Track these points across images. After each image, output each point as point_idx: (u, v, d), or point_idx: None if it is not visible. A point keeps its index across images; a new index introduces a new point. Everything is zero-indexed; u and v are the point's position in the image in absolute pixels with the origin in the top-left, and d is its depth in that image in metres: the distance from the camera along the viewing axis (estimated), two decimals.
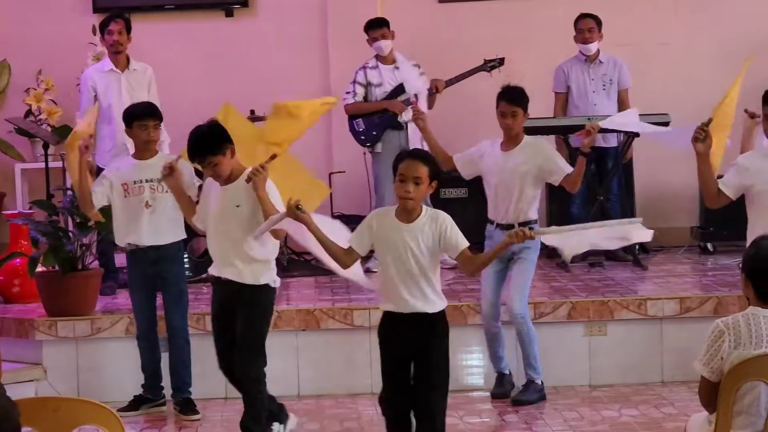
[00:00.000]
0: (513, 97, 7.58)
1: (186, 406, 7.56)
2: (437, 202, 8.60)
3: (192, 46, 11.11)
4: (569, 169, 7.53)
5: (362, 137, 10.09)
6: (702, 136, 6.07)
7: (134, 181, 7.41)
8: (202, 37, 11.23)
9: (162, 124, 7.84)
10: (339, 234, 6.14)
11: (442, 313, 5.74)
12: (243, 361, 6.51)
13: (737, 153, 7.28)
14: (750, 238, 6.02)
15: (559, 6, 11.15)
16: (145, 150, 7.51)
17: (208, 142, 6.41)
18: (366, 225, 5.77)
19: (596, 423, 7.26)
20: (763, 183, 6.25)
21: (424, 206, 5.77)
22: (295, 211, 5.51)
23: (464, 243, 5.66)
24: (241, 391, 6.67)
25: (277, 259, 9.30)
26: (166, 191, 7.26)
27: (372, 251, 6.32)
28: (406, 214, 5.67)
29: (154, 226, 7.45)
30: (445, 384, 5.65)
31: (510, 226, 7.25)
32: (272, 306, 6.89)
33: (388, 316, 5.78)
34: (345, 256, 5.79)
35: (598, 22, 10.04)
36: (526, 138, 7.74)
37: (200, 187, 7.16)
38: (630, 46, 10.93)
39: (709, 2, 11.30)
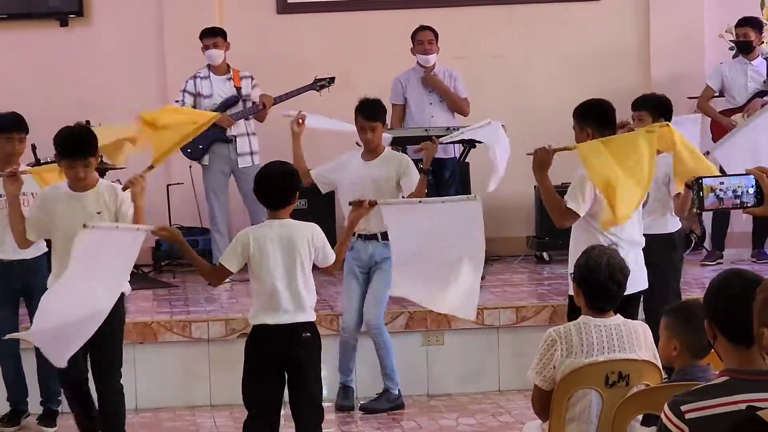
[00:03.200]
0: (371, 113, 7.71)
1: (48, 418, 7.52)
2: None
3: (26, 57, 11.02)
4: (414, 188, 7.71)
5: (188, 150, 9.86)
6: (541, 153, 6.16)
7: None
8: (36, 47, 11.13)
9: None
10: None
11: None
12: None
13: None
14: (573, 248, 6.24)
15: (395, 19, 11.27)
16: (7, 163, 7.31)
17: (90, 142, 6.43)
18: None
19: None
20: None
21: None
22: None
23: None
24: (107, 402, 6.71)
25: None
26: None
27: None
28: None
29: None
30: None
31: (373, 236, 7.52)
32: None
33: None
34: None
35: (436, 35, 10.15)
36: (387, 150, 7.89)
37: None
38: (465, 58, 11.07)
39: (542, 15, 11.57)
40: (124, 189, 6.39)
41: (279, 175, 6.21)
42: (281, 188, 6.15)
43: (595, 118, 6.62)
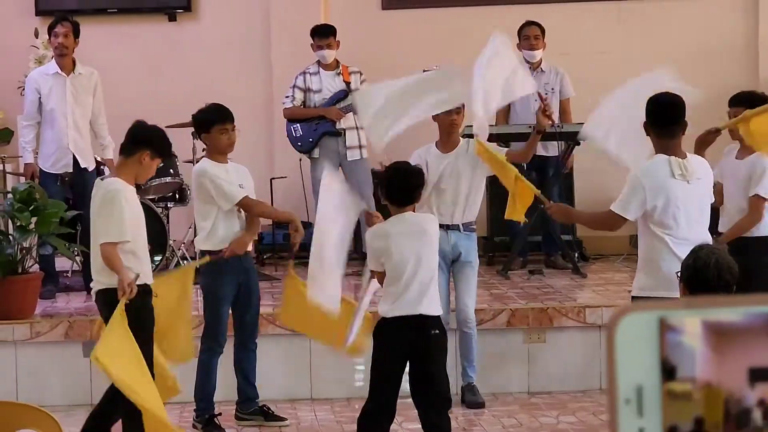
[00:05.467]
0: None
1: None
2: (378, 209, 8.60)
3: (135, 50, 11.23)
4: (505, 149, 8.06)
5: (299, 143, 10.16)
6: None
7: None
8: (145, 41, 11.31)
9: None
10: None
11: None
12: None
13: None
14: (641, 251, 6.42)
15: (501, 14, 11.20)
16: (226, 153, 7.74)
17: None
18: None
19: (534, 430, 7.31)
20: (665, 202, 6.27)
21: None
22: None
23: None
24: None
25: None
26: None
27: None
28: None
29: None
30: None
31: (455, 227, 7.66)
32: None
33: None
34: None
35: (543, 30, 10.12)
36: (461, 138, 7.96)
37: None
38: (570, 55, 11.02)
39: (648, 12, 11.45)
40: None
41: (408, 173, 6.58)
42: (411, 186, 6.50)
43: (651, 115, 6.52)
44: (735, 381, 0.79)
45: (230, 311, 7.64)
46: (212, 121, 7.56)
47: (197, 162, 8.82)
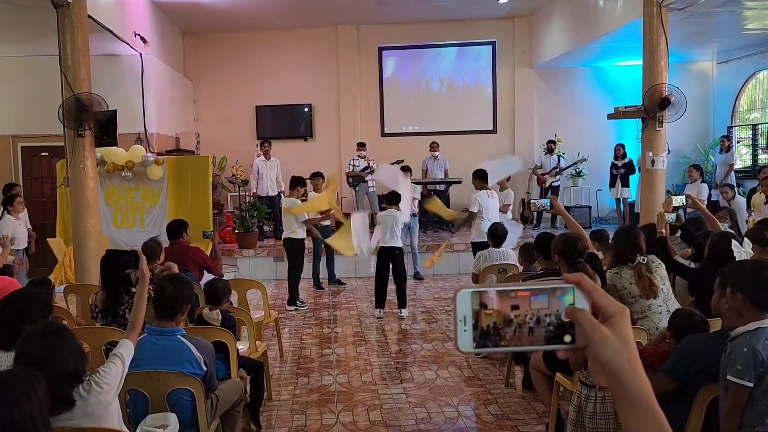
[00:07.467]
0: None
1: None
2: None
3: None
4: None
5: (349, 183, 16.15)
6: None
7: None
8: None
9: None
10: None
11: None
12: None
13: None
14: None
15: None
16: None
17: None
18: None
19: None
20: None
21: None
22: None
23: None
24: None
25: None
26: None
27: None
28: None
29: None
30: None
31: (411, 215, 11.47)
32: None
33: None
34: None
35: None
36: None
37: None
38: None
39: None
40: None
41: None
42: (395, 200, 10.03)
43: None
44: (505, 308, 1.45)
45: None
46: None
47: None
